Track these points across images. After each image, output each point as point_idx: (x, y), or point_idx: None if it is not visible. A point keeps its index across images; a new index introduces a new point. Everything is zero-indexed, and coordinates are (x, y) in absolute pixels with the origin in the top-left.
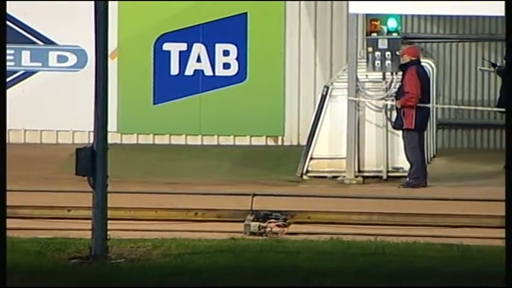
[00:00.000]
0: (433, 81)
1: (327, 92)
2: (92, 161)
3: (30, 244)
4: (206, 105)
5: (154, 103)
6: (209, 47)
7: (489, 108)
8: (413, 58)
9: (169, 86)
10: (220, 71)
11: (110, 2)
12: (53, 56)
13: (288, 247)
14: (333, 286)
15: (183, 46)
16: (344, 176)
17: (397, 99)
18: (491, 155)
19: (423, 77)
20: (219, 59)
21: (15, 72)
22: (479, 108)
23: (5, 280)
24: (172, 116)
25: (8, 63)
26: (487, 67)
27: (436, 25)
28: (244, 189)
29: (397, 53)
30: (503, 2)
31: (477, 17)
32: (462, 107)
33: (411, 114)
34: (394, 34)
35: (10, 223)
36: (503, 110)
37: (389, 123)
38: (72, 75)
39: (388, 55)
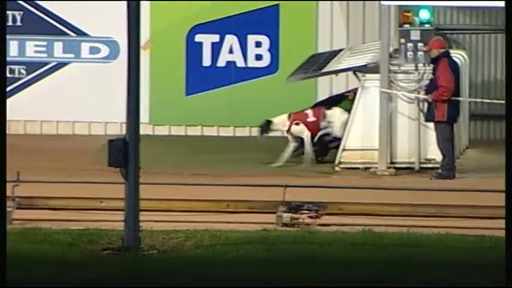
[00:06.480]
0: (465, 72)
1: (359, 83)
2: (124, 152)
3: (63, 235)
4: (238, 96)
5: (186, 94)
6: (241, 39)
7: None
8: (441, 50)
9: (201, 77)
10: (252, 63)
11: None
12: (85, 47)
13: (320, 238)
14: (365, 277)
15: (216, 37)
16: (376, 167)
17: (427, 92)
18: None
19: (455, 69)
20: (251, 51)
21: (47, 63)
22: None
23: (5, 280)
24: (205, 107)
25: (40, 55)
26: None
27: (469, 16)
28: (276, 181)
29: (424, 48)
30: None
31: None
32: (494, 101)
33: (443, 106)
34: (427, 25)
35: (42, 214)
36: None
37: (421, 114)
38: (104, 67)
39: (420, 46)
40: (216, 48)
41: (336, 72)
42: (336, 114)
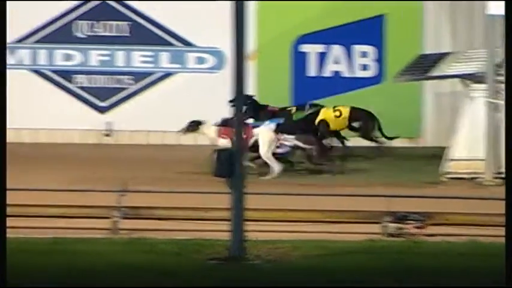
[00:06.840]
0: None
1: (464, 91)
2: (231, 162)
3: (169, 245)
4: None
5: (292, 104)
6: (347, 49)
7: None
8: None
9: (307, 87)
10: (358, 73)
11: (249, 4)
12: (191, 57)
13: (426, 249)
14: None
15: (321, 48)
16: (482, 177)
17: None
18: None
19: None
20: (357, 61)
21: (153, 73)
22: None
23: (5, 280)
24: None
25: (146, 65)
26: None
27: None
28: (381, 191)
29: None
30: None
31: None
32: None
33: None
34: None
35: (147, 224)
36: None
37: None
38: (210, 77)
39: None
40: (322, 58)
41: (443, 77)
42: (263, 133)
